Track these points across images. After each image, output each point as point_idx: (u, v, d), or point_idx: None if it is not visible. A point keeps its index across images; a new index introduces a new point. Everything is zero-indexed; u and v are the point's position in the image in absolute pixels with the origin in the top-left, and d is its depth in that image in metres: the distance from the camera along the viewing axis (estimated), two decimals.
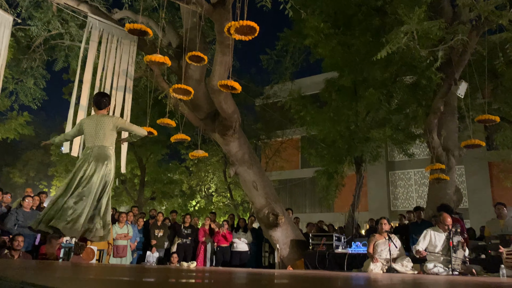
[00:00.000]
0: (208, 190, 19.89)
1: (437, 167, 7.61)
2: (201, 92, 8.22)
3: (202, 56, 6.22)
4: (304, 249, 8.24)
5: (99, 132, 4.51)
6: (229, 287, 2.24)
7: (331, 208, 20.23)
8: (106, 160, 4.48)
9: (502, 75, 8.83)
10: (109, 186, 4.54)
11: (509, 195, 15.86)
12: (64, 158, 18.75)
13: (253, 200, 8.82)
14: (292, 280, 3.23)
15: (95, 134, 4.52)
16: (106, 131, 4.53)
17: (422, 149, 18.00)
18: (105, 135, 4.52)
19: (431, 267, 5.89)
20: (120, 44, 7.59)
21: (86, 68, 7.21)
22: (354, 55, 9.70)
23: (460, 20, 7.55)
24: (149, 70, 8.41)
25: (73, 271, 3.19)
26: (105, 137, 4.52)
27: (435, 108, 8.03)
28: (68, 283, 1.85)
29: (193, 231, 9.43)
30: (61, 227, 4.11)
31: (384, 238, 6.62)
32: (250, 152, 8.92)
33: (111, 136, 4.59)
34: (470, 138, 7.48)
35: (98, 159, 4.43)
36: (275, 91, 14.49)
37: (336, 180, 10.93)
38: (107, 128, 4.54)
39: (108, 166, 4.48)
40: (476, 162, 17.03)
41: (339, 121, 10.33)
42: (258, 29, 5.16)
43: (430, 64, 7.86)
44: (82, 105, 7.00)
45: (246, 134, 10.12)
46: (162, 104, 10.13)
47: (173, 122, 7.50)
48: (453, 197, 8.27)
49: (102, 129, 4.51)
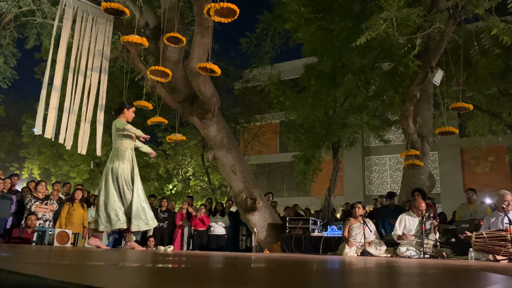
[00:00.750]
0: (185, 174, 19.78)
1: (412, 153, 7.76)
2: (179, 75, 8.08)
3: (180, 37, 6.10)
4: (281, 232, 8.34)
5: (113, 135, 5.33)
6: (206, 272, 2.24)
7: (308, 192, 20.49)
8: (114, 158, 5.22)
9: (476, 64, 9.02)
10: (122, 180, 5.15)
11: (479, 181, 16.40)
12: (37, 140, 18.27)
13: (231, 184, 8.83)
14: (268, 264, 3.26)
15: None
16: (113, 134, 5.30)
17: (397, 135, 18.33)
18: (114, 138, 5.29)
19: (404, 251, 6.07)
20: (96, 24, 7.36)
21: (59, 47, 6.96)
22: (334, 41, 9.71)
23: (438, 8, 7.61)
24: (125, 50, 8.20)
25: (47, 255, 3.13)
26: (114, 139, 5.29)
27: (411, 95, 8.14)
28: (42, 269, 1.81)
29: (170, 215, 9.40)
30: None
31: (359, 222, 6.76)
32: (228, 136, 8.88)
33: (118, 138, 5.24)
34: (444, 125, 7.65)
35: (110, 158, 5.30)
36: (254, 75, 14.38)
37: (313, 165, 11.04)
38: (113, 131, 5.30)
39: (115, 163, 5.17)
40: (449, 148, 17.48)
41: (318, 106, 10.38)
42: (238, 12, 5.08)
43: (408, 52, 7.93)
44: (56, 86, 6.78)
45: (225, 118, 10.06)
46: (138, 86, 9.91)
47: (150, 105, 7.37)
48: (426, 182, 8.47)
49: (113, 133, 5.31)
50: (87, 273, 1.68)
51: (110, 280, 1.46)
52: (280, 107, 11.81)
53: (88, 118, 7.17)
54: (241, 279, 1.81)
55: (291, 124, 12.12)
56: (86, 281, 1.20)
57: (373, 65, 10.24)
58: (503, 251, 5.15)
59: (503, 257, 5.15)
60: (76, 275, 1.59)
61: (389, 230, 7.57)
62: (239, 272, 2.30)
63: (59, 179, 18.28)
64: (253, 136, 16.99)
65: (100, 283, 1.15)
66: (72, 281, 1.16)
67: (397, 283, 1.98)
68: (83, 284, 1.09)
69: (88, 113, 7.16)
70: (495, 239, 5.27)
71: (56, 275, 1.41)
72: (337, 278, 2.16)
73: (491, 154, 13.06)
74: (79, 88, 7.04)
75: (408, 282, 2.01)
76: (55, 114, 6.72)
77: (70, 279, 1.26)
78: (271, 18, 10.89)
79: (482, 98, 10.74)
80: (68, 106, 6.91)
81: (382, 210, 8.57)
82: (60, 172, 19.05)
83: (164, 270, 2.19)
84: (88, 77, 7.13)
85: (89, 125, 7.17)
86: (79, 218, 7.85)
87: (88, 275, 1.58)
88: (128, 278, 1.60)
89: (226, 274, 2.12)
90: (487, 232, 5.43)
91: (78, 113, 7.09)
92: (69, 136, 6.93)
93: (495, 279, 2.31)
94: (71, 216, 7.73)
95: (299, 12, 9.15)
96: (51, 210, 7.61)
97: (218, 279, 1.78)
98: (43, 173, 20.47)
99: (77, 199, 7.91)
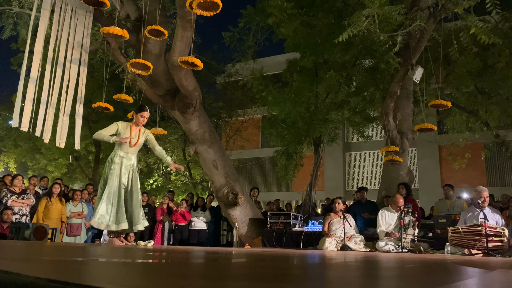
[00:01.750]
0: (166, 168, 19.63)
1: (392, 149, 7.87)
2: (161, 68, 7.99)
3: (162, 30, 6.02)
4: (262, 227, 8.37)
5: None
6: (186, 267, 2.23)
7: (289, 187, 20.59)
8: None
9: (455, 62, 9.19)
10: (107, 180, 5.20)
11: (456, 177, 16.77)
12: (13, 133, 17.83)
13: (213, 179, 8.80)
14: (249, 258, 3.27)
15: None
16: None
17: (377, 131, 18.58)
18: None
19: (383, 245, 6.17)
20: (75, 14, 7.19)
21: (37, 38, 6.79)
22: (316, 37, 9.73)
23: (419, 7, 7.71)
24: (105, 43, 8.05)
25: (23, 251, 3.06)
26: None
27: (392, 92, 8.24)
28: (18, 265, 1.77)
29: (150, 210, 9.31)
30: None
31: (339, 217, 6.83)
32: (210, 131, 8.83)
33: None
34: (423, 122, 7.78)
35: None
36: (237, 70, 14.32)
37: (295, 160, 11.09)
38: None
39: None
40: (428, 145, 17.82)
41: (300, 102, 10.41)
42: (221, 5, 5.04)
43: (389, 49, 8.03)
44: (33, 78, 6.61)
45: (207, 113, 9.99)
46: (119, 78, 9.76)
47: (130, 98, 7.26)
48: (405, 178, 8.61)
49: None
50: (64, 269, 1.65)
51: (88, 276, 1.44)
52: (263, 102, 11.80)
53: (67, 111, 7.02)
54: (222, 274, 1.81)
55: (273, 119, 12.13)
56: (63, 277, 1.18)
57: (355, 62, 10.32)
58: (478, 245, 5.28)
59: (478, 251, 5.28)
60: (53, 271, 1.56)
61: (360, 224, 7.70)
62: (219, 267, 2.30)
63: (36, 173, 17.90)
64: (235, 131, 16.96)
65: (77, 279, 1.13)
66: (48, 277, 1.14)
67: (376, 277, 2.01)
68: (60, 280, 1.07)
69: (66, 106, 7.01)
70: (470, 234, 5.40)
71: (32, 271, 1.38)
72: (317, 272, 2.18)
73: (468, 151, 13.36)
74: (58, 80, 6.89)
75: (387, 276, 2.04)
76: (32, 106, 6.56)
77: (47, 275, 1.23)
78: (254, 12, 10.85)
79: (460, 95, 10.96)
80: (46, 98, 6.75)
81: (355, 205, 8.71)
82: (37, 166, 18.65)
83: (144, 265, 2.17)
84: (67, 69, 6.97)
85: (67, 118, 7.02)
86: (57, 213, 7.71)
87: (66, 271, 1.55)
88: (107, 274, 1.58)
89: (206, 269, 2.11)
90: (463, 227, 5.56)
91: (57, 106, 6.94)
92: (47, 129, 6.78)
93: (471, 273, 2.36)
94: (48, 210, 7.58)
95: (282, 7, 9.14)
96: (28, 205, 7.45)
97: (198, 275, 1.77)
98: (19, 166, 20.02)
99: (55, 193, 7.76)
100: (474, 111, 11.51)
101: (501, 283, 1.87)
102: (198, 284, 1.35)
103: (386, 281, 1.78)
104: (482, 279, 1.99)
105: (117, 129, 5.28)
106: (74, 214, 7.97)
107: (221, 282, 1.42)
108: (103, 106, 6.86)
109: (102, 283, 1.22)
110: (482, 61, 9.33)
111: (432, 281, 1.82)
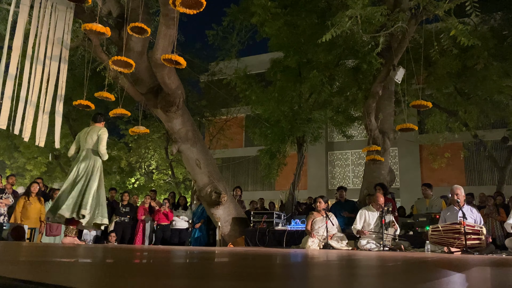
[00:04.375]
0: (148, 167, 19.45)
1: (373, 149, 7.96)
2: (143, 66, 7.90)
3: (145, 27, 5.95)
4: (245, 226, 8.36)
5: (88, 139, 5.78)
6: (168, 266, 2.21)
7: (272, 186, 20.65)
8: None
9: (435, 63, 9.34)
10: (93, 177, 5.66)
11: (436, 176, 17.09)
12: None
13: (196, 178, 8.75)
14: (232, 258, 3.26)
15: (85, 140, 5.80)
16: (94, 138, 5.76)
17: (359, 131, 18.76)
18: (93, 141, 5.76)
19: (364, 243, 6.23)
20: (55, 10, 7.05)
21: (16, 34, 6.63)
22: (300, 36, 9.78)
23: (401, 8, 7.80)
24: (87, 39, 7.92)
25: (1, 252, 2.99)
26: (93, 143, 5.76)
27: (374, 92, 8.33)
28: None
29: (131, 209, 9.22)
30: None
31: (321, 216, 6.88)
32: (193, 130, 8.78)
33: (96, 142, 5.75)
34: (404, 122, 7.88)
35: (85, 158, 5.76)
36: (220, 68, 14.26)
37: (278, 159, 11.12)
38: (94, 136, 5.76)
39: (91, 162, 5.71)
40: (408, 144, 18.10)
41: (283, 101, 10.44)
42: (204, 3, 5.01)
43: (371, 49, 8.11)
44: (11, 74, 6.47)
45: (190, 111, 9.93)
46: (100, 76, 9.60)
47: (112, 96, 7.16)
48: (386, 177, 8.72)
49: (90, 137, 5.77)
50: (42, 270, 1.62)
51: (67, 277, 1.41)
52: (246, 101, 11.80)
53: (47, 109, 6.88)
54: (205, 273, 1.80)
55: (257, 118, 12.14)
56: (40, 278, 1.15)
57: (338, 62, 10.40)
58: (457, 243, 5.39)
59: (457, 249, 5.39)
60: (31, 272, 1.52)
61: (340, 223, 7.76)
62: (202, 266, 2.28)
63: (14, 171, 17.51)
64: (218, 129, 16.89)
65: (56, 280, 1.10)
66: (26, 278, 1.11)
67: (357, 275, 2.02)
68: (37, 281, 1.05)
69: (46, 103, 6.87)
70: (450, 232, 5.51)
71: (9, 272, 1.35)
72: (300, 271, 2.19)
73: (447, 150, 13.63)
74: (37, 77, 6.75)
75: (368, 274, 2.06)
76: (10, 104, 6.41)
77: (24, 276, 1.20)
78: (238, 11, 10.83)
79: (440, 96, 11.16)
80: (25, 96, 6.61)
81: (335, 204, 8.80)
82: (15, 165, 18.25)
83: (126, 265, 2.14)
84: (46, 66, 6.83)
85: (47, 116, 6.89)
86: (36, 213, 7.56)
87: (43, 272, 1.52)
88: (86, 274, 1.55)
89: (190, 269, 2.09)
90: (442, 226, 5.66)
91: (36, 104, 6.80)
92: (27, 127, 6.63)
93: (449, 271, 2.41)
94: (27, 210, 7.43)
95: (266, 6, 9.15)
96: (6, 204, 7.28)
97: (180, 274, 1.75)
98: None
99: (34, 192, 7.61)
100: (453, 112, 11.74)
101: (479, 281, 1.91)
102: (181, 283, 1.33)
103: (368, 279, 1.80)
104: (461, 277, 2.03)
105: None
106: None
107: (205, 281, 1.41)
108: (84, 104, 6.75)
109: (82, 284, 1.20)
110: (462, 62, 9.51)
111: (412, 279, 1.85)
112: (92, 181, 5.62)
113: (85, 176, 5.63)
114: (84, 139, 5.81)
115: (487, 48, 9.07)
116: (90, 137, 5.77)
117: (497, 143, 15.66)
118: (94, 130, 5.81)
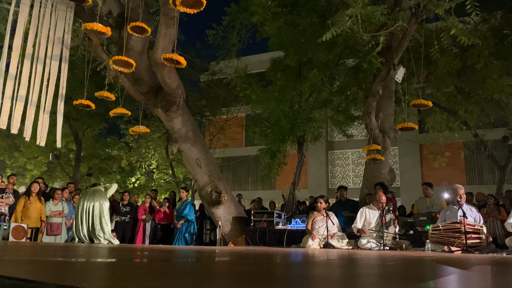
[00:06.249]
0: (148, 167, 19.44)
1: (374, 148, 7.95)
2: (143, 65, 7.90)
3: (145, 27, 5.95)
4: (246, 226, 8.36)
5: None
6: (170, 266, 2.21)
7: (272, 185, 20.65)
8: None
9: (435, 62, 9.33)
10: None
11: (436, 175, 17.08)
12: None
13: (196, 177, 8.75)
14: (232, 257, 3.26)
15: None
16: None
17: (360, 130, 18.75)
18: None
19: (365, 243, 6.23)
20: (56, 10, 7.05)
21: (16, 33, 6.64)
22: (300, 36, 9.77)
23: (401, 7, 7.80)
24: (87, 39, 7.92)
25: (1, 251, 2.99)
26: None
27: (374, 91, 8.33)
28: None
29: (132, 209, 9.22)
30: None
31: (322, 215, 6.87)
32: (194, 129, 8.78)
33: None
34: (405, 121, 7.87)
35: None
36: (220, 68, 14.26)
37: (278, 159, 11.11)
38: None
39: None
40: (409, 144, 18.07)
41: (284, 100, 10.43)
42: (205, 3, 5.01)
43: (372, 49, 8.10)
44: (11, 74, 6.47)
45: (190, 111, 9.93)
46: (101, 75, 9.61)
47: (112, 96, 7.16)
48: (387, 176, 8.72)
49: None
50: (44, 270, 1.62)
51: (68, 276, 1.41)
52: (246, 101, 11.79)
53: (47, 109, 6.88)
54: (207, 273, 1.80)
55: (257, 118, 12.13)
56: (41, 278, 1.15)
57: (338, 61, 10.39)
58: (457, 242, 5.39)
59: (457, 248, 5.39)
60: (31, 272, 1.53)
61: (341, 223, 7.76)
62: (203, 265, 2.29)
63: (15, 171, 17.52)
64: (218, 129, 16.89)
65: (57, 280, 1.10)
66: (27, 277, 1.11)
67: (358, 275, 2.03)
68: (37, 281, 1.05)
69: (47, 103, 6.88)
70: (450, 231, 5.51)
71: (10, 271, 1.35)
72: (300, 270, 2.19)
73: (448, 150, 13.61)
74: (38, 77, 6.75)
75: (368, 274, 2.06)
76: (11, 103, 6.41)
77: (25, 275, 1.21)
78: (238, 10, 10.82)
79: (441, 95, 11.14)
80: (26, 95, 6.61)
81: (335, 204, 8.79)
82: (16, 164, 18.26)
83: (127, 265, 2.15)
84: (47, 65, 6.84)
85: (48, 116, 6.89)
86: (36, 212, 7.55)
87: (44, 272, 1.52)
88: (90, 273, 1.55)
89: (191, 268, 2.10)
90: (443, 225, 5.66)
91: (37, 103, 6.80)
92: (28, 127, 6.64)
93: (451, 269, 2.41)
94: (27, 210, 7.43)
95: (266, 6, 9.14)
96: (7, 204, 7.29)
97: (182, 273, 1.75)
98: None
99: (34, 192, 7.60)
100: (454, 111, 11.72)
101: (479, 280, 1.91)
102: (182, 283, 1.34)
103: (368, 279, 1.80)
104: (461, 276, 2.03)
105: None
106: (54, 213, 7.83)
107: (206, 281, 1.42)
108: (84, 104, 6.75)
109: (82, 283, 1.20)
110: (462, 61, 9.50)
111: (412, 278, 1.85)
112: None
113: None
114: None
115: (488, 47, 9.06)
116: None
117: (497, 142, 15.65)
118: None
